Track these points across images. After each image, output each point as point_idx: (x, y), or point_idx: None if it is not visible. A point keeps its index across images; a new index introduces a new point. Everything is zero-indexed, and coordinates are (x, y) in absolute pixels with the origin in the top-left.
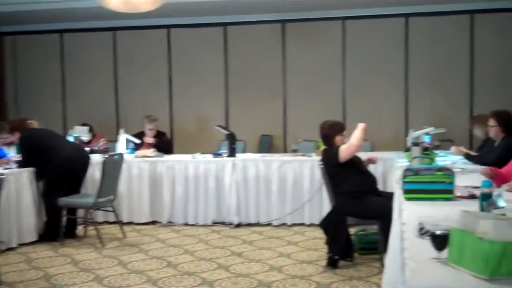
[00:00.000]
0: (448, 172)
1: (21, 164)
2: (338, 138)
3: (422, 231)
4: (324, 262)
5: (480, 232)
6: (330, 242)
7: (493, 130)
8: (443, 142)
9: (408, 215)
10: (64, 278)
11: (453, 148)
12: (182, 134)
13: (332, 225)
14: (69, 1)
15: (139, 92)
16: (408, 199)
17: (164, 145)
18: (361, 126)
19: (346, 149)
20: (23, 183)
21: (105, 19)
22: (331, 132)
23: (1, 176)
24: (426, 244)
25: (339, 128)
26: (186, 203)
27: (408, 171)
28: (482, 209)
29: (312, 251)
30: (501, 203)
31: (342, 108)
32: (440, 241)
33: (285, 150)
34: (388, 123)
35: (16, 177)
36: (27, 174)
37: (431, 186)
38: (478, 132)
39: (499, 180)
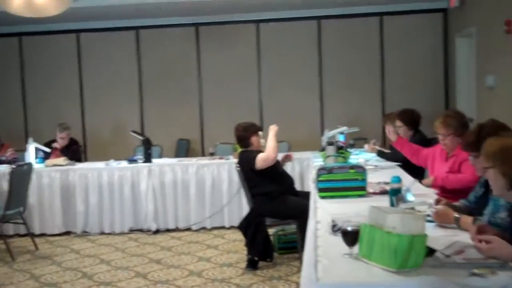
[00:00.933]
0: (360, 169)
1: None
2: (253, 139)
3: (335, 228)
4: (244, 264)
5: (388, 227)
6: (249, 244)
7: (402, 130)
8: (357, 141)
9: (322, 213)
10: None
11: (366, 146)
12: (96, 141)
13: (250, 227)
14: None
15: (49, 100)
16: (323, 197)
17: (71, 154)
18: (273, 130)
19: (264, 160)
20: None
21: (10, 24)
22: (246, 134)
23: None
24: (339, 241)
25: (254, 129)
26: (101, 211)
27: (322, 170)
28: (392, 204)
29: (232, 253)
30: (410, 197)
31: (259, 110)
32: (350, 237)
33: (203, 154)
34: (304, 123)
35: None
36: None
37: (344, 183)
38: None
39: (407, 150)
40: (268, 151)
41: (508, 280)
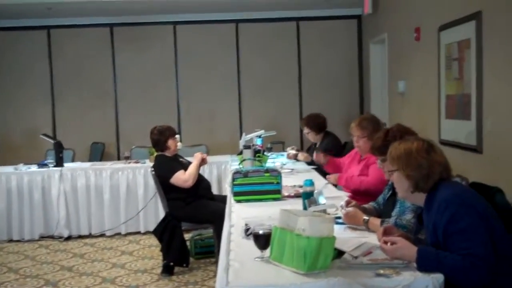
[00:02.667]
0: (275, 173)
1: None
2: (170, 143)
3: (248, 232)
4: (159, 270)
5: (298, 229)
6: (165, 249)
7: (310, 136)
8: (275, 144)
9: (236, 217)
10: None
11: (286, 154)
12: (5, 145)
13: (166, 232)
14: None
15: None
16: (238, 201)
17: None
18: (197, 158)
19: (181, 182)
20: None
21: None
22: (162, 138)
23: None
24: (251, 244)
25: (170, 133)
26: (9, 217)
27: (237, 174)
28: (305, 207)
29: (148, 259)
30: (322, 200)
31: (177, 113)
32: (262, 240)
33: (118, 158)
34: (223, 126)
35: None
36: None
37: (260, 187)
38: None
39: (331, 167)
40: (188, 177)
41: (411, 279)
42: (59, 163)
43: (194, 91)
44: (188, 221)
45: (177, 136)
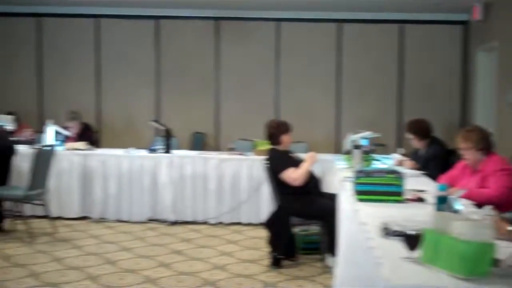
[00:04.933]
0: (398, 174)
1: None
2: (284, 138)
3: (387, 231)
4: (266, 262)
5: (455, 233)
6: (274, 241)
7: (414, 142)
8: (377, 147)
9: (365, 215)
10: None
11: (405, 163)
12: (110, 129)
13: (276, 225)
14: None
15: (65, 83)
16: (360, 200)
17: (85, 140)
18: (311, 158)
19: (291, 179)
20: None
21: (29, 4)
22: (277, 132)
23: None
24: (393, 244)
25: (286, 128)
26: (119, 199)
27: (360, 173)
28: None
29: (253, 250)
30: (458, 206)
31: (275, 109)
32: (413, 241)
33: (217, 148)
34: (320, 125)
35: None
36: None
37: (382, 188)
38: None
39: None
40: (298, 176)
41: None
42: (167, 149)
43: (293, 88)
44: (298, 216)
45: (291, 132)
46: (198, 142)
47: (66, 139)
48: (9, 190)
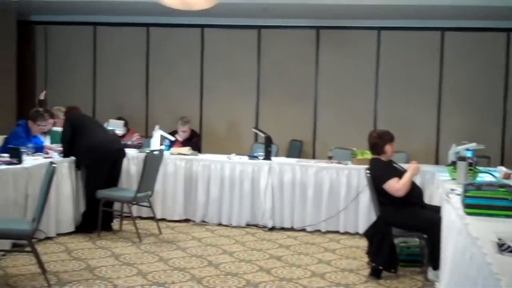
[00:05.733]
0: (510, 189)
1: (63, 150)
2: (387, 147)
3: (503, 247)
4: (365, 272)
5: None
6: (374, 252)
7: None
8: (480, 159)
9: (476, 230)
10: (107, 271)
11: None
12: (211, 134)
13: (377, 235)
14: None
15: (169, 90)
16: (469, 213)
17: (191, 146)
18: (413, 169)
19: (394, 190)
20: (63, 173)
21: (138, 14)
22: (380, 142)
23: (53, 165)
24: (510, 260)
25: (388, 138)
26: (220, 203)
27: (469, 186)
28: None
29: (351, 259)
30: None
31: (373, 118)
32: None
33: (314, 156)
34: (419, 135)
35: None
36: (67, 164)
37: (494, 202)
38: None
39: None
40: (401, 186)
41: None
42: (267, 156)
43: (392, 97)
44: (399, 227)
45: (394, 143)
46: (295, 150)
47: (172, 144)
48: (119, 192)
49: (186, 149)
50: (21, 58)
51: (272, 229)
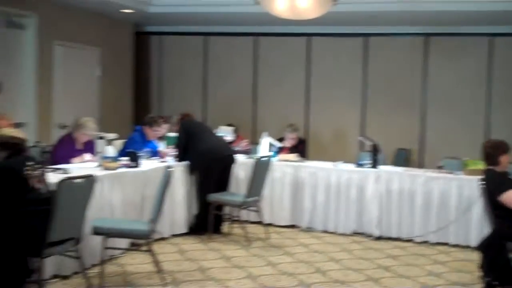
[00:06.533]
0: None
1: (178, 155)
2: (502, 158)
3: None
4: (477, 286)
5: None
6: (488, 266)
7: None
8: None
9: None
10: (218, 273)
11: None
12: (317, 142)
13: (491, 249)
14: (214, 6)
15: (276, 97)
16: None
17: (298, 153)
18: None
19: (509, 201)
20: (177, 177)
21: (247, 24)
22: (495, 152)
23: (170, 169)
24: None
25: (504, 148)
26: (326, 210)
27: None
28: None
29: (463, 273)
30: None
31: (485, 128)
32: None
33: (421, 165)
34: None
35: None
36: (181, 168)
37: None
38: None
39: None
40: None
41: None
42: (374, 164)
43: (507, 106)
44: None
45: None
46: (401, 159)
47: (280, 150)
48: (229, 196)
49: (293, 156)
50: (137, 67)
51: (379, 238)
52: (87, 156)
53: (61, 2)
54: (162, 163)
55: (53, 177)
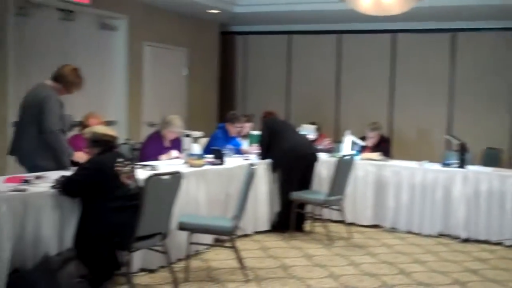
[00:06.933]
0: None
1: (261, 153)
2: None
3: None
4: None
5: None
6: None
7: None
8: None
9: None
10: (300, 271)
11: None
12: (401, 140)
13: None
14: (298, 4)
15: (360, 96)
16: None
17: (381, 151)
18: None
19: None
20: (260, 175)
21: (331, 22)
22: None
23: (253, 167)
24: None
25: None
26: (411, 210)
27: None
28: None
29: None
30: None
31: None
32: None
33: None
34: None
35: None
36: (264, 166)
37: None
38: None
39: None
40: None
41: None
42: (462, 164)
43: None
44: None
45: None
46: (491, 158)
47: (362, 149)
48: (311, 195)
49: (376, 155)
50: (222, 66)
51: (466, 240)
52: (174, 152)
53: (150, 4)
54: (246, 161)
55: (141, 174)
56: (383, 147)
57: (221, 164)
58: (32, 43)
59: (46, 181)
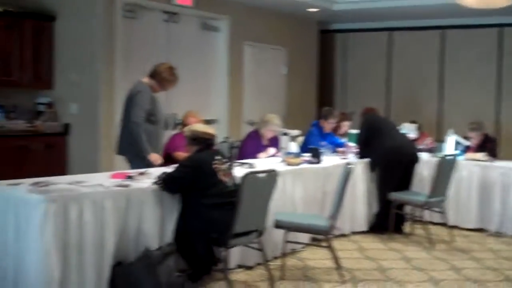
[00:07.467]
0: None
1: (359, 151)
2: None
3: None
4: None
5: None
6: None
7: None
8: None
9: None
10: (398, 274)
11: None
12: (509, 140)
13: None
14: (399, 0)
15: (464, 94)
16: None
17: (487, 151)
18: None
19: None
20: (357, 174)
21: (434, 17)
22: None
23: (350, 166)
24: None
25: None
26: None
27: None
28: None
29: None
30: None
31: None
32: None
33: None
34: None
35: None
36: (362, 165)
37: None
38: None
39: None
40: None
41: None
42: None
43: None
44: None
45: None
46: None
47: (467, 149)
48: (411, 195)
49: (481, 155)
50: (321, 65)
51: None
52: (272, 150)
53: (251, 4)
54: (343, 160)
55: (239, 171)
56: (489, 147)
57: (318, 163)
58: (139, 44)
59: (149, 177)
